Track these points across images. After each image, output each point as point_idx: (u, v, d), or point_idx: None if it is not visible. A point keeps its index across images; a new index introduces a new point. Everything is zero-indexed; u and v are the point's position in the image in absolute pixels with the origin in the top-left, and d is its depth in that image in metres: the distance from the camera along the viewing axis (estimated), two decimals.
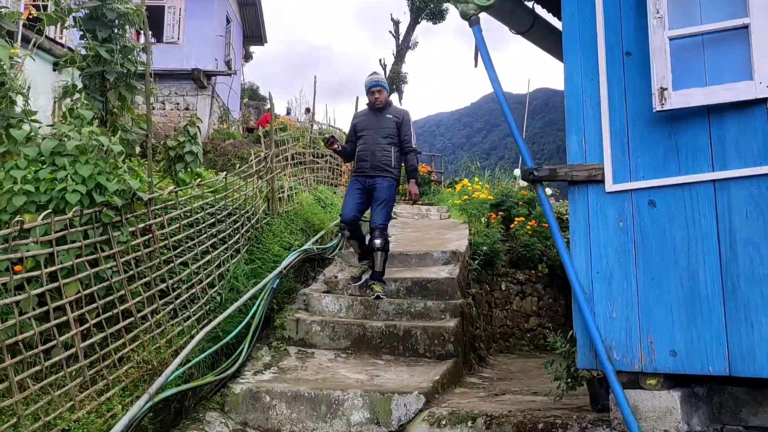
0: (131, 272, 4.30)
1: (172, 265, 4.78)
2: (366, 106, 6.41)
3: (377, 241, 5.95)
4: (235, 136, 16.87)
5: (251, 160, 6.58)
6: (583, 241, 3.21)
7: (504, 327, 8.15)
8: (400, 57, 30.09)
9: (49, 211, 3.60)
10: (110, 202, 4.04)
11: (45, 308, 3.48)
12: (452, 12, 30.03)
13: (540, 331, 8.63)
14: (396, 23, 30.13)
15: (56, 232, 3.66)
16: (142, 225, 4.50)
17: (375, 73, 6.39)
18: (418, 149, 6.07)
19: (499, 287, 8.29)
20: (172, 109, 17.16)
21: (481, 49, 3.68)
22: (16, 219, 3.34)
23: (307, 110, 22.29)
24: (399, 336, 5.20)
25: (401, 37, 29.99)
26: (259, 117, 22.98)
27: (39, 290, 3.45)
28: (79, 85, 4.73)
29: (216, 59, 17.93)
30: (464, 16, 3.76)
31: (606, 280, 3.12)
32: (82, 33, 4.71)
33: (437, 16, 29.36)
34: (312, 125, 12.79)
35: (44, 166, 3.94)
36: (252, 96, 29.50)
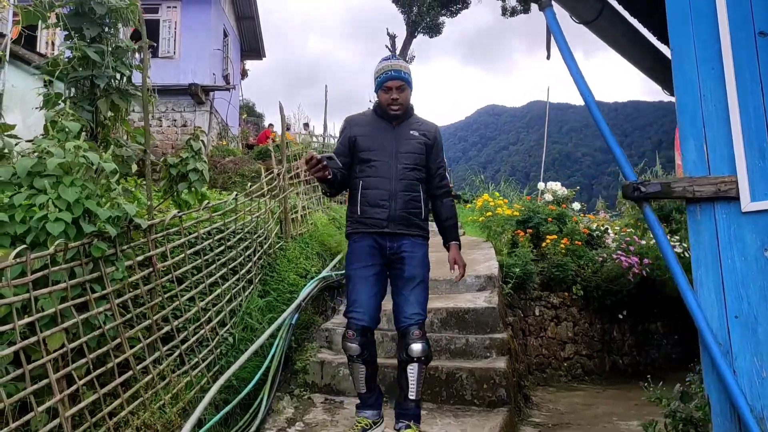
0: (129, 315, 3.57)
1: (176, 303, 4.05)
2: (371, 111, 3.81)
3: (417, 347, 3.44)
4: (235, 152, 16.19)
5: (262, 179, 5.86)
6: (713, 277, 2.48)
7: (540, 356, 7.42)
8: None
9: (24, 246, 2.87)
10: (102, 232, 3.31)
11: (20, 371, 2.74)
12: (448, 25, 29.57)
13: (577, 359, 7.90)
14: (392, 37, 29.57)
15: (34, 271, 2.94)
16: (141, 257, 3.77)
17: (393, 56, 3.75)
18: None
19: (532, 312, 7.57)
20: (169, 126, 16.47)
21: (556, 36, 2.98)
22: None
23: (306, 125, 21.70)
24: (441, 380, 4.46)
25: (398, 52, 29.40)
26: (258, 133, 22.34)
27: (12, 348, 2.72)
28: (66, 94, 4.02)
29: (214, 74, 17.29)
30: None
31: (749, 328, 2.39)
32: (66, 33, 4.00)
33: (433, 30, 28.94)
34: (323, 138, 12.01)
35: (21, 190, 3.22)
36: (249, 112, 28.88)
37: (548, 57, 3.12)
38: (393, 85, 3.58)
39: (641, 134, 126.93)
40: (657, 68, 4.49)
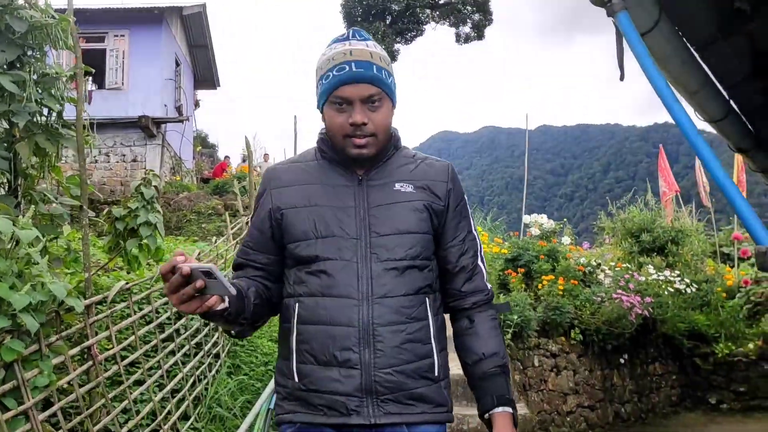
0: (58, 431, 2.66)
1: (125, 402, 3.14)
2: (314, 152, 1.75)
3: None
4: (190, 188, 15.17)
5: (228, 230, 4.96)
6: None
7: (542, 413, 6.65)
8: None
9: None
10: (18, 326, 2.42)
11: None
12: (403, 53, 29.09)
13: (579, 412, 7.16)
14: None
15: None
16: (76, 349, 2.87)
17: (357, 33, 1.64)
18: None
19: (531, 363, 6.82)
20: (117, 162, 15.38)
21: (635, 47, 2.25)
22: None
23: (266, 156, 20.79)
24: None
25: None
26: (213, 166, 21.30)
27: None
28: None
29: (165, 105, 16.30)
30: None
31: None
32: None
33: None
34: None
35: None
36: (203, 143, 27.84)
37: (622, 77, 2.39)
38: (354, 94, 1.57)
39: (590, 156, 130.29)
40: (701, 93, 3.84)
